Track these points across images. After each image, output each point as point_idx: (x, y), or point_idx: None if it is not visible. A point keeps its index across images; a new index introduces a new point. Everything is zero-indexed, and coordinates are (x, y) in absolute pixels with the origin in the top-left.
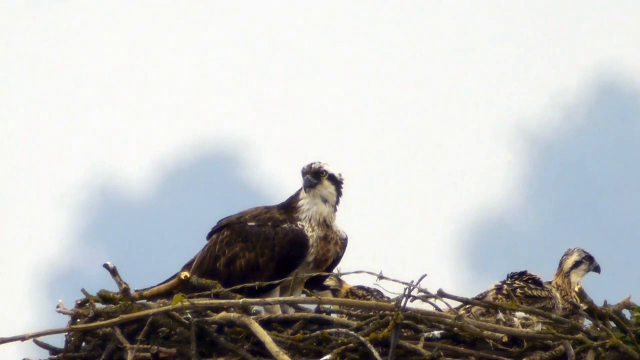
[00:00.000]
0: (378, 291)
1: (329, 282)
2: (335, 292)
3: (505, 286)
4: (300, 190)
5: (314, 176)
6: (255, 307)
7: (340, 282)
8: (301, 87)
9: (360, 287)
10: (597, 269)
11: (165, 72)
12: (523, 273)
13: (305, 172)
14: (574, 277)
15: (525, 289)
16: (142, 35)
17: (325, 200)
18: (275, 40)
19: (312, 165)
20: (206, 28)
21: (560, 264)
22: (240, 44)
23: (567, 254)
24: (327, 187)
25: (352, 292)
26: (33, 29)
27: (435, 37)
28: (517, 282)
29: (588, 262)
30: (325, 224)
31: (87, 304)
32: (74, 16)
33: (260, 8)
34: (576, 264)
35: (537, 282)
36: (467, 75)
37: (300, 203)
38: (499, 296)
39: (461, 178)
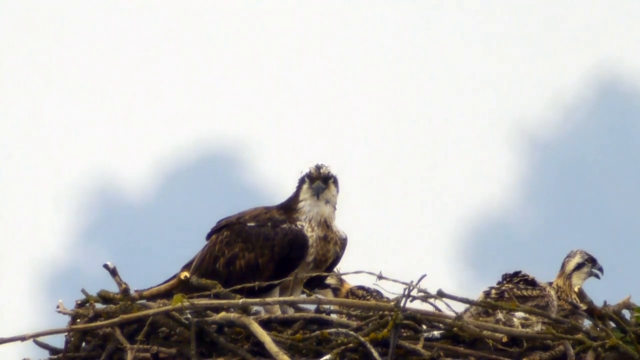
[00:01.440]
0: (378, 292)
1: (330, 280)
2: (335, 290)
3: (493, 291)
4: (299, 190)
5: (324, 181)
6: (255, 308)
7: (341, 281)
8: (300, 88)
9: (361, 287)
10: (600, 270)
11: (165, 73)
12: (517, 274)
13: (314, 177)
14: (575, 279)
15: (514, 289)
16: (141, 36)
17: (327, 202)
18: (275, 41)
19: (322, 170)
20: (205, 29)
21: (563, 266)
22: (240, 45)
23: (570, 256)
24: (332, 190)
25: (352, 292)
26: (33, 30)
27: (435, 37)
28: (506, 285)
29: (590, 264)
30: (326, 225)
31: (87, 304)
32: (75, 17)
33: (260, 9)
34: (578, 267)
35: (529, 282)
36: (466, 75)
37: (301, 205)
38: (488, 300)
39: (461, 178)
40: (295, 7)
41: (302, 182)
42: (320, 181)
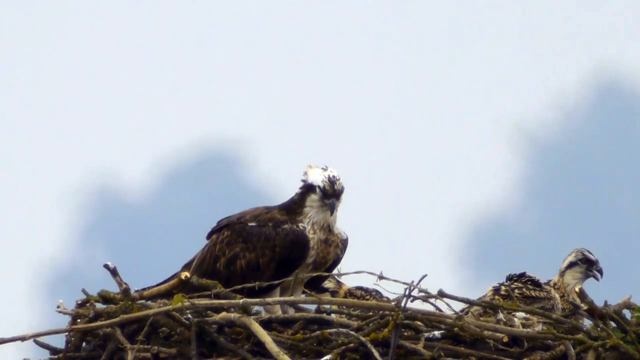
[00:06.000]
0: (377, 291)
1: (328, 284)
2: (334, 294)
3: (503, 287)
4: (304, 196)
5: (338, 197)
6: (256, 308)
7: (339, 283)
8: (300, 88)
9: (359, 288)
10: (599, 272)
11: (165, 73)
12: (522, 275)
13: (329, 194)
14: (568, 277)
15: (524, 289)
16: (141, 36)
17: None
18: (275, 42)
19: (336, 187)
20: (205, 29)
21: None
22: (240, 45)
23: (569, 254)
24: (341, 201)
25: (350, 293)
26: (33, 30)
27: (435, 37)
28: (515, 283)
29: (585, 265)
30: (328, 229)
31: (88, 304)
32: (75, 17)
33: (260, 9)
34: (570, 265)
35: (535, 284)
36: (466, 75)
37: (307, 210)
38: (497, 297)
39: (461, 178)
40: (295, 8)
41: (309, 189)
42: (335, 198)
